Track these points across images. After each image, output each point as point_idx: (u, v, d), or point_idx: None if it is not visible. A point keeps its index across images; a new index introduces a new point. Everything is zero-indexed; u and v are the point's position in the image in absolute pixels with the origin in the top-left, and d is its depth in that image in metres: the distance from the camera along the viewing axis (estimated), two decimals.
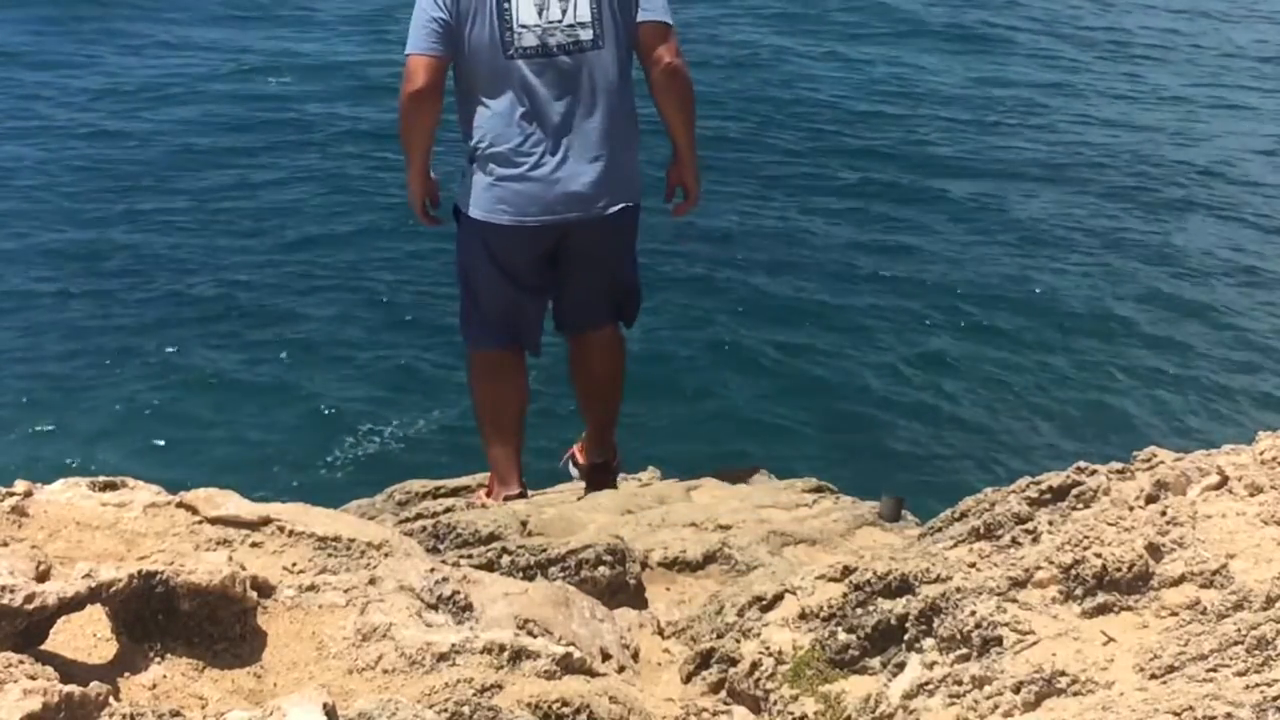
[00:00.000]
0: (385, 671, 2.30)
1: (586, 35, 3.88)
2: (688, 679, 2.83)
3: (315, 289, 9.77)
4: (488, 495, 4.29)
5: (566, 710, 2.34)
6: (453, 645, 2.38)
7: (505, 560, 3.47)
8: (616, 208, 4.05)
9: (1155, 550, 2.33)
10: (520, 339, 4.33)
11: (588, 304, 4.34)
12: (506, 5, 3.84)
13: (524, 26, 3.84)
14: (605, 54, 3.91)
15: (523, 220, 4.00)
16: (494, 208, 4.00)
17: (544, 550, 3.47)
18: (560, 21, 3.86)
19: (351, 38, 15.92)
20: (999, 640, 2.31)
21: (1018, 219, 11.83)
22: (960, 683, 2.30)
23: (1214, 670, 1.97)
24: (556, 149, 3.93)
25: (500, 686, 2.33)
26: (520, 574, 3.36)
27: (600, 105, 3.94)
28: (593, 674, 2.56)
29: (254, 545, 2.58)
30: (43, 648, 1.97)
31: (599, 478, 4.58)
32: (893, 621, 2.54)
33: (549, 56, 3.87)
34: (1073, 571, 2.37)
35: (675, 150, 4.17)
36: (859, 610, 2.61)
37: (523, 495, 4.31)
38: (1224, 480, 2.51)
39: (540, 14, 3.84)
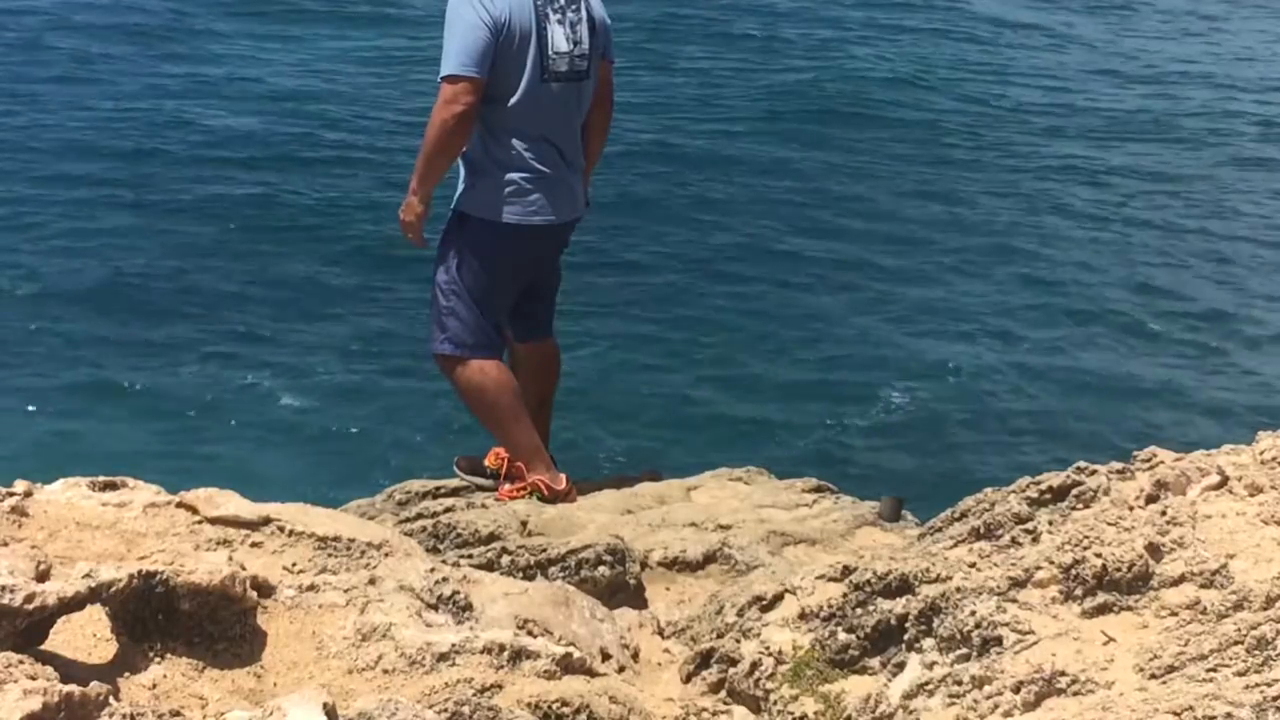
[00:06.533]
0: (385, 671, 2.30)
1: (584, 65, 4.27)
2: (688, 679, 2.83)
3: (315, 293, 9.78)
4: (517, 489, 4.28)
5: (566, 710, 2.34)
6: (453, 645, 2.38)
7: (505, 560, 3.47)
8: (581, 214, 4.49)
9: (1155, 550, 2.33)
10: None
11: (550, 310, 4.67)
12: (545, 32, 4.16)
13: (558, 53, 4.19)
14: (590, 82, 4.32)
15: (555, 220, 4.31)
16: (528, 211, 4.26)
17: (544, 550, 3.47)
18: (573, 51, 4.23)
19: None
20: (999, 640, 2.31)
21: (1013, 220, 11.84)
22: (960, 683, 2.30)
23: (1214, 670, 1.97)
24: (567, 159, 4.31)
25: (500, 686, 2.33)
26: (520, 574, 3.36)
27: (580, 125, 4.35)
28: (593, 674, 2.56)
29: (254, 545, 2.58)
30: (43, 648, 1.97)
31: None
32: (893, 621, 2.54)
33: (566, 81, 4.23)
34: (1073, 571, 2.37)
35: (589, 159, 4.56)
36: (859, 610, 2.61)
37: (567, 480, 4.43)
38: (1224, 480, 2.51)
39: (568, 43, 4.21)
